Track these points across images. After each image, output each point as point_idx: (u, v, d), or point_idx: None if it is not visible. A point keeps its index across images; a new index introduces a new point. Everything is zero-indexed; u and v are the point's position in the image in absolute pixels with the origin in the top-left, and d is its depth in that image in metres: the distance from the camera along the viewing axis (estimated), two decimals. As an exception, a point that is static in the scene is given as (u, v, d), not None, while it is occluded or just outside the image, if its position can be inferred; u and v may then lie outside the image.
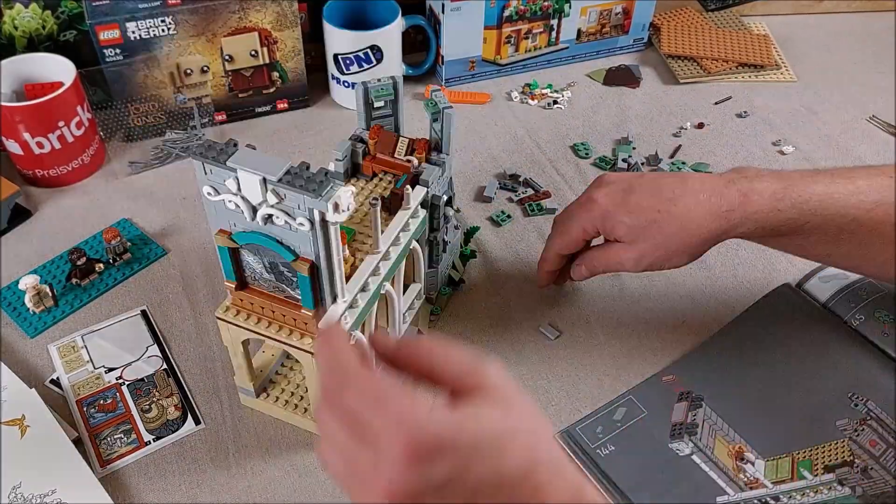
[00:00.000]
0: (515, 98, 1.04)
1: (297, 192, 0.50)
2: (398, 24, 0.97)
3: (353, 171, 0.71)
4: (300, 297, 0.58)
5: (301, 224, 0.52)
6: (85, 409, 0.70)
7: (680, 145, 0.97)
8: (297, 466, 0.67)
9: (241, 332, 0.62)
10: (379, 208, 0.59)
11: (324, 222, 0.51)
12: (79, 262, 0.79)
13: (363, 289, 0.61)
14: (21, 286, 0.76)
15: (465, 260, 0.82)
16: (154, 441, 0.68)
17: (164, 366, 0.73)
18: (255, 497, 0.65)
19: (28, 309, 0.77)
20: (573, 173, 0.93)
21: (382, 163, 0.69)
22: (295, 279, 0.57)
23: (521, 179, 0.92)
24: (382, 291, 0.63)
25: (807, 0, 1.19)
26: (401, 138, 0.69)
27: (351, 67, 0.98)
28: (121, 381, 0.72)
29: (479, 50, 1.04)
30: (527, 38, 1.05)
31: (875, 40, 1.15)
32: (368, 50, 0.96)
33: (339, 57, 0.98)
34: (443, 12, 0.98)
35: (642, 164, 0.94)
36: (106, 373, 0.73)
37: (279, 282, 0.58)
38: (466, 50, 1.03)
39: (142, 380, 0.72)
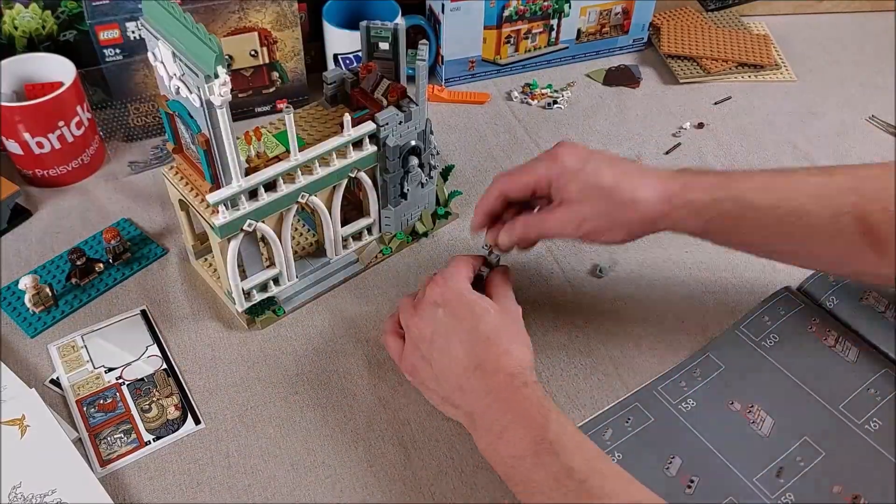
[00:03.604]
0: (515, 98, 1.04)
1: (189, 68, 0.58)
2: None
3: (342, 99, 0.77)
4: None
5: (195, 99, 0.59)
6: (85, 408, 0.70)
7: (679, 143, 0.97)
8: (297, 465, 0.67)
9: (175, 192, 0.71)
10: (292, 115, 0.64)
11: (209, 102, 0.58)
12: (78, 262, 0.79)
13: (270, 187, 0.68)
14: (21, 286, 0.76)
15: (436, 218, 0.85)
16: (154, 441, 0.68)
17: (164, 366, 0.73)
18: (255, 497, 0.65)
19: (28, 309, 0.77)
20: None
21: (363, 97, 0.74)
22: None
23: None
24: (301, 200, 0.70)
25: (807, 0, 1.19)
26: (383, 80, 0.74)
27: (351, 67, 0.98)
28: (121, 380, 0.72)
29: (478, 50, 1.04)
30: (527, 38, 1.05)
31: (875, 40, 1.15)
32: (368, 50, 0.96)
33: (339, 57, 0.98)
34: (443, 12, 0.98)
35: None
36: (106, 373, 0.73)
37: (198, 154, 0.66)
38: (466, 50, 1.03)
39: (142, 380, 0.72)
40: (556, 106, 1.03)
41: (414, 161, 0.76)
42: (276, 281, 0.75)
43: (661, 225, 0.66)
